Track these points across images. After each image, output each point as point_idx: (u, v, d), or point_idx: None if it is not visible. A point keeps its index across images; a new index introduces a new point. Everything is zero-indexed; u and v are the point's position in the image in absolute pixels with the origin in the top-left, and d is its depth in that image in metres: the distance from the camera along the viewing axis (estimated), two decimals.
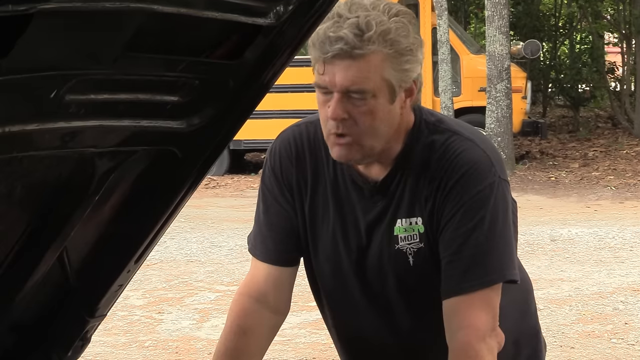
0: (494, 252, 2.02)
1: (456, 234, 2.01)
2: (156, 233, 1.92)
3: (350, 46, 1.88)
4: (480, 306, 2.00)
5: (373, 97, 1.94)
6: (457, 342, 1.99)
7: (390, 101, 1.97)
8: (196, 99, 1.76)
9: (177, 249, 9.22)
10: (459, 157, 2.02)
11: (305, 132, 2.16)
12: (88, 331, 2.03)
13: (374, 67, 1.91)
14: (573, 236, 9.60)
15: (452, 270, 2.02)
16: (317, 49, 1.92)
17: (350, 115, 1.94)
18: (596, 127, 19.73)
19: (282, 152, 2.18)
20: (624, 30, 20.45)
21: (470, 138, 2.07)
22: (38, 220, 1.81)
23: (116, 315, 6.73)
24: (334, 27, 1.89)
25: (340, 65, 1.90)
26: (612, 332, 6.39)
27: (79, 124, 1.63)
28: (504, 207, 2.04)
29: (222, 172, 14.60)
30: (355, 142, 1.98)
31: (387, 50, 1.91)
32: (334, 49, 1.89)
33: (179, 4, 1.51)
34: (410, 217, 2.06)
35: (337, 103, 1.93)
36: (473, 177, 2.01)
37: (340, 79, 1.91)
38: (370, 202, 2.09)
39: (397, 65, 1.93)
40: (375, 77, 1.92)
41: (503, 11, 14.35)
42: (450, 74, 14.41)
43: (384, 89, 1.94)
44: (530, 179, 14.03)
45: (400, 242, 2.08)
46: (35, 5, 1.31)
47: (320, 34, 1.89)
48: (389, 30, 1.90)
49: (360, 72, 1.91)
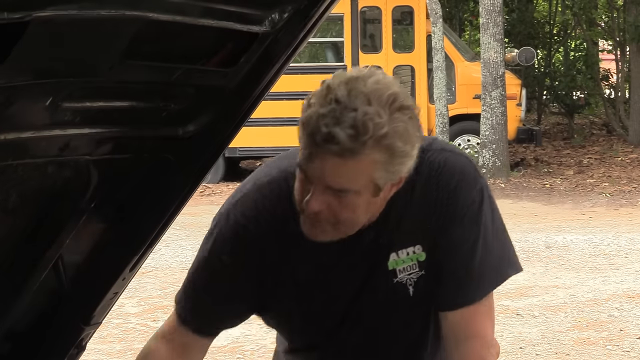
0: (497, 255, 2.01)
1: (455, 247, 1.98)
2: (151, 240, 1.92)
3: (341, 147, 1.72)
4: (485, 314, 2.00)
5: (356, 194, 1.81)
6: (464, 351, 1.98)
7: (374, 195, 1.84)
8: (192, 106, 1.76)
9: (173, 257, 9.21)
10: (444, 170, 1.96)
11: (269, 193, 1.98)
12: (83, 339, 2.02)
13: (364, 169, 1.77)
14: (568, 243, 9.61)
15: (454, 282, 1.98)
16: (307, 134, 1.75)
17: (329, 207, 1.82)
18: (591, 134, 19.76)
19: (238, 226, 1.99)
20: (618, 37, 20.50)
21: (443, 148, 2.01)
22: (33, 228, 1.81)
23: (111, 322, 6.72)
24: (328, 117, 1.72)
25: (328, 162, 1.75)
26: (607, 339, 6.40)
27: (74, 132, 1.63)
28: (493, 206, 2.02)
29: (218, 180, 14.60)
30: (331, 229, 1.87)
31: (380, 156, 1.76)
32: (324, 148, 1.73)
33: (174, 12, 1.51)
34: (408, 247, 1.98)
35: (317, 195, 1.81)
36: (464, 186, 1.97)
37: (325, 176, 1.78)
38: (358, 251, 1.99)
39: (389, 168, 1.79)
40: (362, 179, 1.79)
41: (497, 18, 14.38)
42: (444, 81, 14.43)
43: (369, 187, 1.82)
44: (525, 186, 14.04)
45: (399, 275, 1.99)
46: (31, 13, 1.32)
47: (313, 119, 1.73)
48: (386, 135, 1.73)
49: (347, 173, 1.77)
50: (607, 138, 18.97)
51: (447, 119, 14.50)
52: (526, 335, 6.49)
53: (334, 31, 15.54)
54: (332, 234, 1.88)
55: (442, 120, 14.43)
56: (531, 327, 6.66)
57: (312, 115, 1.73)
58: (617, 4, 20.86)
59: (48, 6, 1.33)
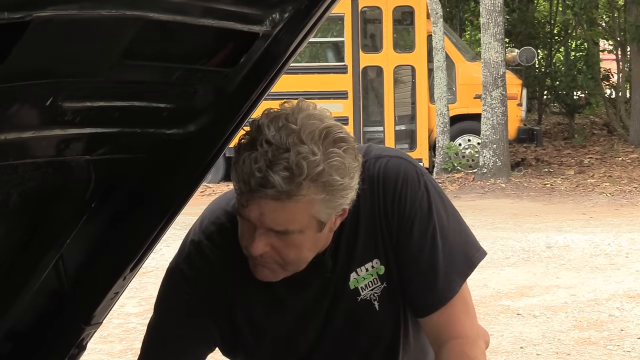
0: (459, 247, 1.97)
1: (413, 251, 1.94)
2: (152, 241, 1.92)
3: (277, 191, 1.70)
4: (461, 310, 1.97)
5: (300, 232, 1.79)
6: (448, 353, 1.96)
7: (318, 231, 1.82)
8: (192, 106, 1.76)
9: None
10: (384, 179, 1.93)
11: (215, 237, 1.97)
12: (84, 339, 2.02)
13: (303, 209, 1.75)
14: (569, 243, 9.60)
15: (422, 285, 1.95)
16: (240, 180, 1.73)
17: (274, 248, 1.80)
18: (591, 134, 19.77)
19: (191, 273, 1.98)
20: (619, 37, 20.50)
21: (377, 155, 1.97)
22: (34, 228, 1.81)
23: (112, 322, 6.72)
24: (261, 161, 1.69)
25: (266, 206, 1.73)
26: (607, 339, 6.40)
27: (75, 132, 1.63)
28: (442, 195, 1.99)
29: (218, 180, 14.61)
30: (279, 268, 1.86)
31: (319, 194, 1.73)
32: (260, 192, 1.70)
33: (174, 12, 1.51)
34: (366, 264, 1.96)
35: (259, 238, 1.79)
36: (408, 189, 1.94)
37: (265, 220, 1.75)
38: (314, 282, 1.96)
39: (330, 204, 1.77)
40: (303, 218, 1.77)
41: (498, 18, 14.38)
42: (445, 81, 14.44)
43: (312, 225, 1.79)
44: (525, 186, 14.04)
45: (362, 292, 1.97)
46: (31, 13, 1.32)
47: (246, 164, 1.70)
48: (322, 173, 1.71)
49: (286, 215, 1.75)
50: (607, 138, 18.98)
51: (447, 118, 14.51)
52: (527, 335, 6.49)
53: (335, 31, 15.54)
54: (281, 273, 1.87)
55: (443, 120, 14.44)
56: (532, 327, 6.66)
57: (244, 159, 1.71)
58: (618, 4, 20.86)
59: (48, 6, 1.33)
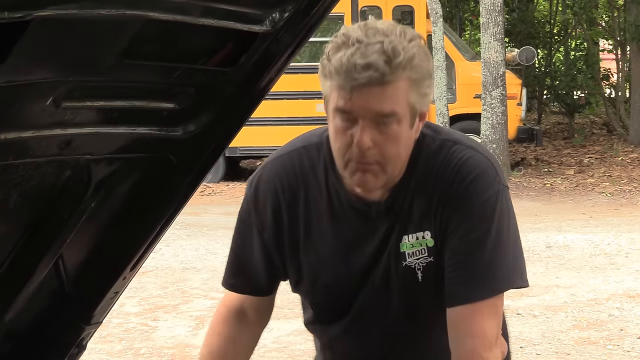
0: (502, 260, 2.01)
1: (464, 242, 1.99)
2: (152, 240, 1.92)
3: (380, 73, 1.85)
4: (488, 314, 1.99)
5: (398, 122, 1.91)
6: (463, 350, 1.98)
7: (411, 126, 1.95)
8: (192, 106, 1.76)
9: (173, 256, 9.21)
10: (464, 165, 2.01)
11: (290, 164, 2.12)
12: (84, 338, 2.02)
13: (402, 92, 1.89)
14: (568, 243, 9.61)
15: (460, 277, 2.00)
16: (341, 76, 1.87)
17: (375, 143, 1.91)
18: (591, 134, 19.77)
19: (267, 188, 2.13)
20: (619, 37, 20.51)
21: (471, 146, 2.06)
22: (34, 228, 1.81)
23: (112, 322, 6.72)
24: (358, 53, 1.85)
25: (371, 92, 1.87)
26: (607, 339, 6.40)
27: (75, 131, 1.63)
28: (510, 214, 2.03)
29: (218, 179, 14.60)
30: (379, 169, 1.95)
31: (414, 76, 1.89)
32: (364, 76, 1.85)
33: (175, 12, 1.51)
34: (417, 232, 2.04)
35: (364, 131, 1.90)
36: (479, 185, 2.00)
37: (370, 105, 1.88)
38: (374, 224, 2.06)
39: (421, 90, 1.92)
40: (403, 102, 1.90)
41: (498, 18, 14.38)
42: (445, 80, 14.44)
43: (407, 115, 1.92)
44: (525, 185, 14.05)
45: (408, 259, 2.05)
46: (32, 13, 1.32)
47: (343, 62, 1.86)
48: (414, 56, 1.88)
49: (391, 97, 1.88)
50: (607, 137, 18.98)
51: (447, 118, 14.50)
52: (526, 334, 6.49)
53: (335, 31, 15.52)
54: (381, 176, 1.96)
55: (443, 119, 14.44)
56: (531, 327, 6.66)
57: (340, 57, 1.86)
58: (618, 4, 20.87)
59: (48, 6, 1.33)
